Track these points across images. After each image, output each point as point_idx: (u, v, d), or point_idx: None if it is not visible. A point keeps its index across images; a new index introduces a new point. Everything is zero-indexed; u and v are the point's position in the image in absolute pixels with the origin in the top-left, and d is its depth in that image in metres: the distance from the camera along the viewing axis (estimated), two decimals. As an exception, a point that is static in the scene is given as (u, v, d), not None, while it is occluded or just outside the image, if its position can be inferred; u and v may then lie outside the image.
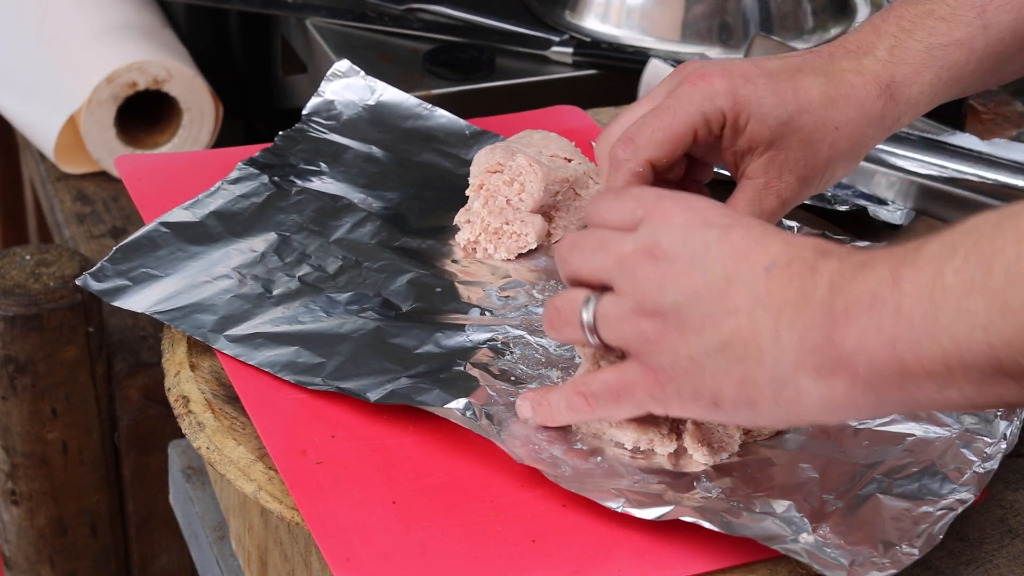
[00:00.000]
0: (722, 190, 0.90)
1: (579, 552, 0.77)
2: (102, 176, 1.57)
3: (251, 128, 1.66)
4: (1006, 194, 1.08)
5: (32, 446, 1.31)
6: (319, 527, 0.77)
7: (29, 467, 1.32)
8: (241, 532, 1.00)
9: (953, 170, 1.11)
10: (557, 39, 1.39)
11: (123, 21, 1.56)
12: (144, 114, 1.54)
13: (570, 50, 1.37)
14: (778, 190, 0.86)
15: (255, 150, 1.08)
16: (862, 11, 1.46)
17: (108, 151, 1.52)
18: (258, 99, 1.62)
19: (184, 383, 0.89)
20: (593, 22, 1.42)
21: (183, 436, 0.93)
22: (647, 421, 0.82)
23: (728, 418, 0.75)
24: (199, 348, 0.90)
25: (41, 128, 1.55)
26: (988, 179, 1.09)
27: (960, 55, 0.88)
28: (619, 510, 0.78)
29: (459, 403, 0.83)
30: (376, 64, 1.35)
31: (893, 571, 0.75)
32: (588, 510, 0.79)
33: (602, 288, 0.78)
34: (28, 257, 1.31)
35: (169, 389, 0.89)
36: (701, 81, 0.85)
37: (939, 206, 1.08)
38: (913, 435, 0.84)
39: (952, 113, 1.27)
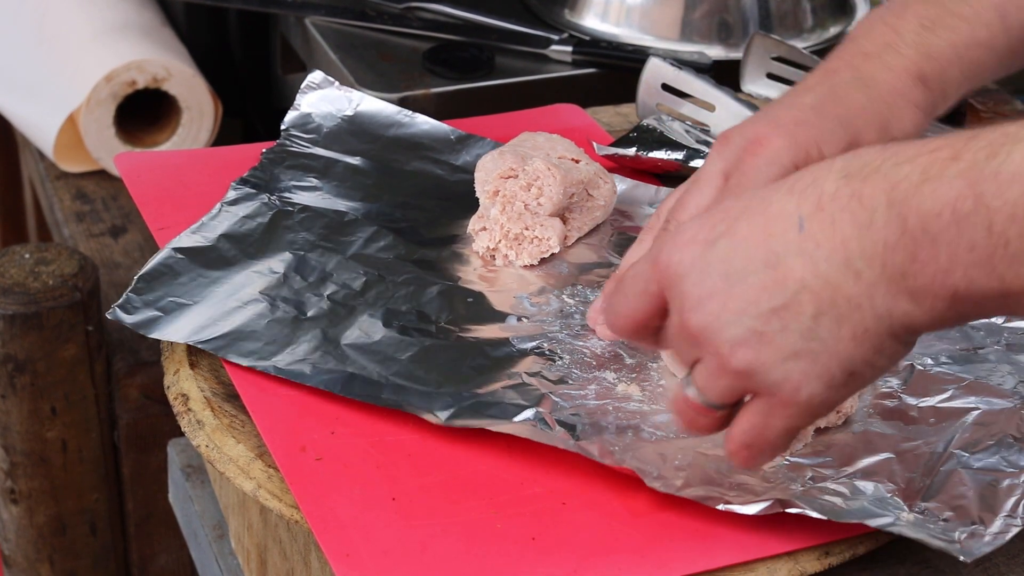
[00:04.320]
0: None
1: (579, 550, 0.77)
2: (101, 175, 1.57)
3: (250, 127, 1.66)
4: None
5: (31, 445, 1.31)
6: (319, 523, 0.77)
7: (28, 466, 1.32)
8: (240, 530, 1.00)
9: (953, 169, 1.11)
10: (556, 38, 1.39)
11: (122, 20, 1.56)
12: (143, 113, 1.54)
13: (569, 49, 1.37)
14: None
15: (255, 148, 1.08)
16: (861, 9, 1.46)
17: (107, 150, 1.52)
18: (257, 98, 1.62)
19: (183, 381, 0.88)
20: (592, 21, 1.42)
21: (182, 434, 0.93)
22: None
23: (867, 380, 0.71)
24: (199, 346, 0.90)
25: (40, 127, 1.55)
26: (987, 178, 1.09)
27: (982, 54, 0.88)
28: (721, 508, 0.78)
29: (528, 413, 0.83)
30: (375, 63, 1.35)
31: (1001, 541, 0.76)
32: (588, 508, 0.80)
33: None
34: (27, 256, 1.31)
35: (168, 387, 0.89)
36: (760, 147, 0.82)
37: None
38: (978, 408, 0.85)
39: (951, 112, 1.27)
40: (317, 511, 0.78)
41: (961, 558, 0.75)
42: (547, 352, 0.89)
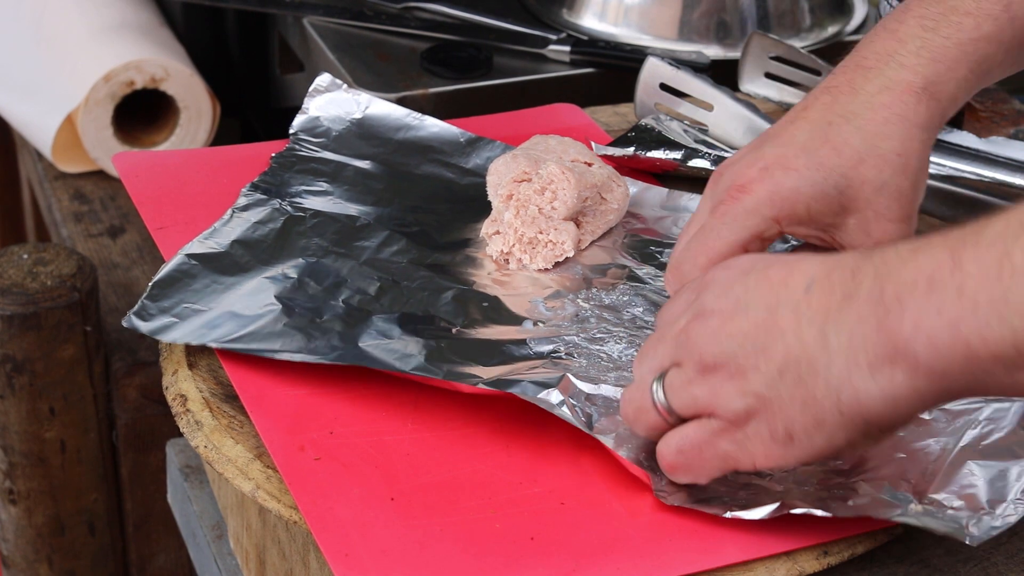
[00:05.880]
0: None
1: (577, 549, 0.77)
2: (99, 175, 1.57)
3: (248, 127, 1.66)
4: (1004, 192, 1.08)
5: (30, 445, 1.31)
6: (317, 523, 0.77)
7: (27, 466, 1.32)
8: (239, 531, 1.00)
9: (951, 168, 1.11)
10: (555, 37, 1.39)
11: (120, 20, 1.56)
12: (141, 113, 1.54)
13: (568, 48, 1.37)
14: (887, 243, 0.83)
15: (253, 148, 1.08)
16: (859, 9, 1.46)
17: (105, 150, 1.52)
18: (255, 98, 1.62)
19: (182, 382, 0.88)
20: (591, 20, 1.42)
21: (181, 435, 0.94)
22: None
23: (805, 451, 0.73)
24: (197, 347, 0.90)
25: (39, 127, 1.55)
26: (986, 177, 1.09)
27: (990, 49, 0.86)
28: (728, 516, 0.78)
29: (552, 396, 0.83)
30: (373, 63, 1.35)
31: (1009, 523, 0.76)
32: (586, 508, 0.80)
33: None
34: (26, 256, 1.31)
35: (167, 388, 0.89)
36: (741, 194, 0.83)
37: (937, 204, 1.08)
38: (989, 404, 0.85)
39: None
40: (316, 511, 0.78)
41: (967, 541, 0.75)
42: (564, 355, 0.89)
